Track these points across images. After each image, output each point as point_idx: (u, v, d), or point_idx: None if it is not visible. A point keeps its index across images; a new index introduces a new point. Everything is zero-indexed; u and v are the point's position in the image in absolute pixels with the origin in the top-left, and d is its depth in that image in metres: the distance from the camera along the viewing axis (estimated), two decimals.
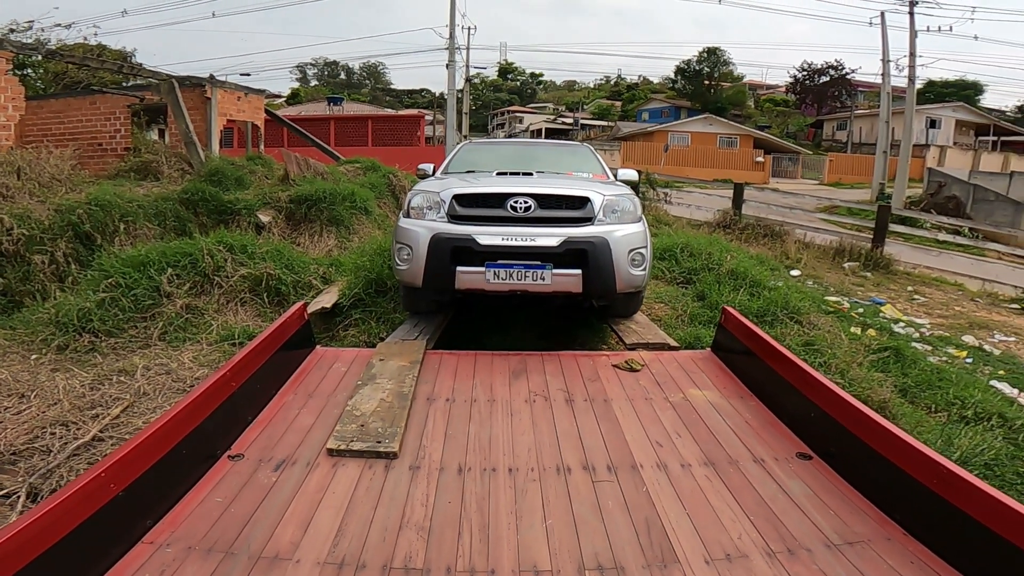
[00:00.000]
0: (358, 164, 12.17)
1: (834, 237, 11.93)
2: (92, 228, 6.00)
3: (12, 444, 2.81)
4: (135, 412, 3.15)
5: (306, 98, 41.43)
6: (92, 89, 10.69)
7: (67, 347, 4.13)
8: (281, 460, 2.22)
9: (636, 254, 3.61)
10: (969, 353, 6.22)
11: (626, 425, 2.64)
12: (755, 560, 1.83)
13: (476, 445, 2.41)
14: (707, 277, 6.06)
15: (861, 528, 2.00)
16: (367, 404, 2.58)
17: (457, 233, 3.45)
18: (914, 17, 19.91)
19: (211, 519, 1.85)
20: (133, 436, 1.81)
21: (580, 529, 1.94)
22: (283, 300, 5.03)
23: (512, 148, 5.92)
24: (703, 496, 2.16)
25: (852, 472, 2.28)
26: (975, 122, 36.38)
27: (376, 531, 1.85)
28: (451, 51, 18.33)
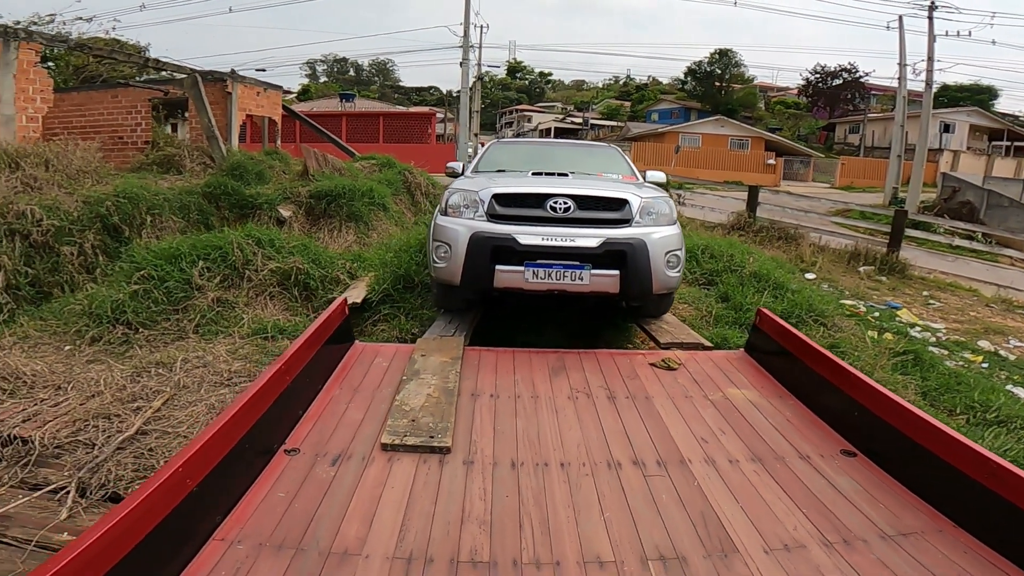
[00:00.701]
0: (373, 160, 12.22)
1: (849, 241, 11.89)
2: (120, 220, 6.05)
3: (55, 437, 2.83)
4: (176, 405, 3.18)
5: (316, 94, 41.55)
6: (118, 83, 10.76)
7: (101, 339, 4.17)
8: (337, 455, 2.24)
9: (672, 256, 3.64)
10: (985, 358, 6.22)
11: (670, 422, 2.67)
12: (813, 550, 1.86)
13: (526, 440, 2.44)
14: (730, 279, 6.06)
15: (912, 521, 2.04)
16: (415, 399, 2.61)
17: (497, 232, 3.47)
18: (933, 21, 19.77)
19: (276, 515, 1.87)
20: (202, 431, 1.83)
21: (638, 521, 1.97)
22: (311, 295, 5.06)
23: (541, 148, 5.94)
24: (754, 490, 2.19)
25: (899, 468, 2.31)
26: (989, 127, 36.11)
27: (439, 525, 1.88)
28: (465, 49, 18.34)
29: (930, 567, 1.80)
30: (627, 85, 61.29)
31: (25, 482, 2.51)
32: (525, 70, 67.29)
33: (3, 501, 2.36)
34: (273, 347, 4.09)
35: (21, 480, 2.51)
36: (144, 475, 2.54)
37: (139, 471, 2.56)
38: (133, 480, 2.50)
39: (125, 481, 2.49)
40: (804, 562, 1.81)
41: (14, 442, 2.75)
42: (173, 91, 10.08)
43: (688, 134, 32.41)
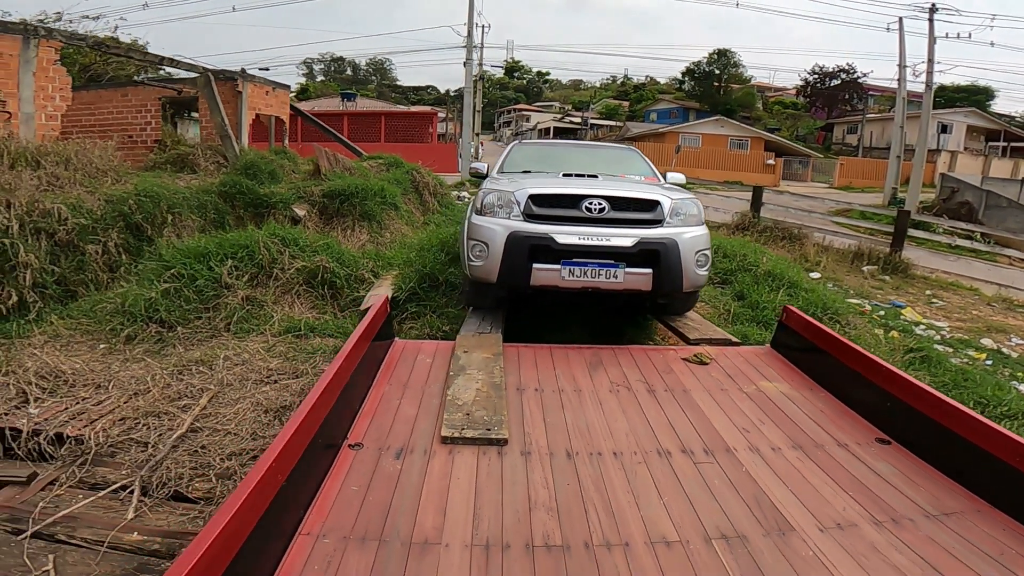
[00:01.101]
0: (380, 160, 12.27)
1: (852, 241, 12.02)
2: (142, 219, 6.10)
3: (108, 435, 2.89)
4: (221, 402, 3.25)
5: (315, 94, 41.54)
6: (128, 81, 10.78)
7: (136, 337, 4.23)
8: (399, 448, 2.33)
9: (701, 255, 3.75)
10: (989, 355, 6.36)
11: (710, 413, 2.78)
12: (865, 529, 1.98)
13: (576, 431, 2.54)
14: (744, 278, 6.17)
15: (952, 503, 2.16)
16: (465, 394, 2.70)
17: (535, 231, 3.57)
18: (933, 24, 19.94)
19: (354, 508, 1.95)
20: (283, 428, 1.89)
21: (695, 504, 2.08)
22: (337, 293, 5.14)
23: (562, 150, 6.03)
24: (799, 475, 2.32)
25: (933, 454, 2.43)
26: (986, 128, 36.38)
27: (509, 513, 1.97)
28: (469, 49, 18.42)
29: (975, 544, 1.92)
30: (625, 85, 61.49)
31: (84, 481, 2.57)
32: (523, 69, 67.50)
33: (66, 501, 2.42)
34: (306, 345, 4.17)
35: (80, 480, 2.57)
36: (202, 472, 2.61)
37: (197, 468, 2.63)
38: (192, 478, 2.57)
39: (185, 479, 2.55)
40: (858, 539, 1.93)
41: (67, 441, 2.81)
42: (187, 90, 10.11)
43: (688, 134, 32.57)
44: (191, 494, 2.48)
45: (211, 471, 2.58)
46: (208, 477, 2.55)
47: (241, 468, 2.60)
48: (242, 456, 2.71)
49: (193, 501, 2.45)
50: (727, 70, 45.50)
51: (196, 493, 2.48)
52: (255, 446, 2.80)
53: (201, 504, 2.42)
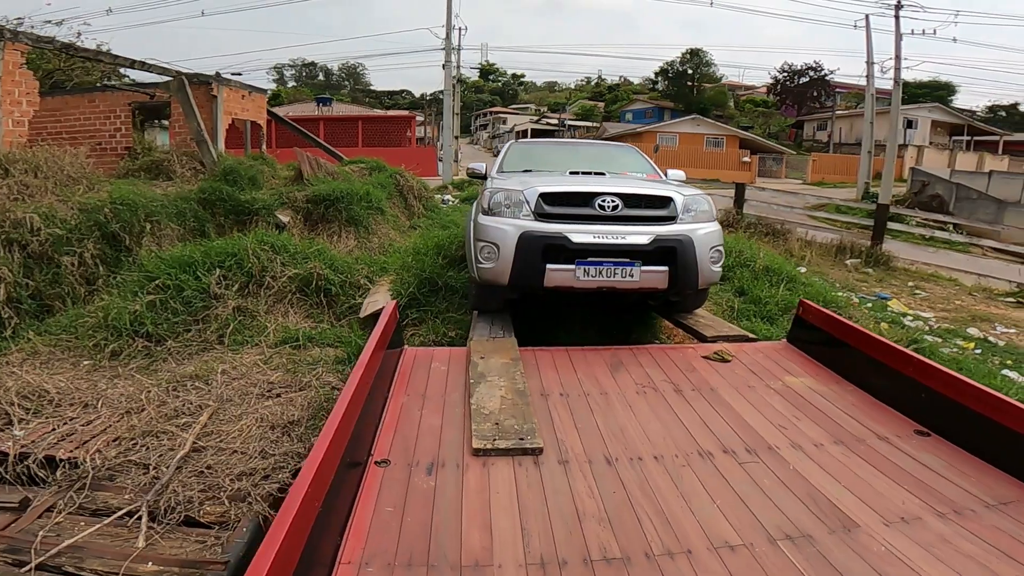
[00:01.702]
0: (362, 164, 12.05)
1: (834, 235, 12.19)
2: (119, 228, 5.81)
3: (105, 458, 2.68)
4: (222, 419, 3.05)
5: (288, 99, 40.84)
6: (96, 87, 10.36)
7: (121, 352, 3.98)
8: (429, 463, 2.18)
9: (715, 251, 3.68)
10: (977, 344, 6.45)
11: (742, 411, 2.70)
12: (929, 521, 1.91)
13: (610, 436, 2.42)
14: (743, 273, 6.15)
15: (1005, 491, 2.10)
16: (491, 402, 2.56)
17: (548, 231, 3.44)
18: (899, 20, 20.47)
19: (393, 531, 1.80)
20: (313, 450, 1.73)
21: (750, 505, 1.99)
22: (332, 300, 4.94)
23: (562, 148, 5.92)
24: (849, 470, 2.24)
25: (974, 444, 2.38)
26: (949, 122, 37.53)
27: (559, 526, 1.84)
28: (448, 51, 18.24)
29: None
30: (599, 85, 61.88)
31: (84, 508, 2.36)
32: (498, 72, 67.41)
33: (68, 530, 2.21)
34: (306, 356, 3.98)
35: (79, 506, 2.36)
36: (212, 495, 2.42)
37: (206, 491, 2.43)
38: (203, 502, 2.37)
39: (195, 503, 2.36)
40: (926, 531, 1.86)
41: (60, 464, 2.60)
42: (159, 94, 9.75)
43: (665, 133, 32.87)
44: (203, 519, 2.28)
45: (222, 493, 2.39)
46: (220, 500, 2.36)
47: (254, 489, 2.42)
48: (253, 476, 2.52)
49: (207, 526, 2.26)
50: (700, 69, 46.13)
51: (209, 517, 2.28)
52: (266, 465, 2.61)
53: (216, 529, 2.22)
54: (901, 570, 1.70)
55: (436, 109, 31.86)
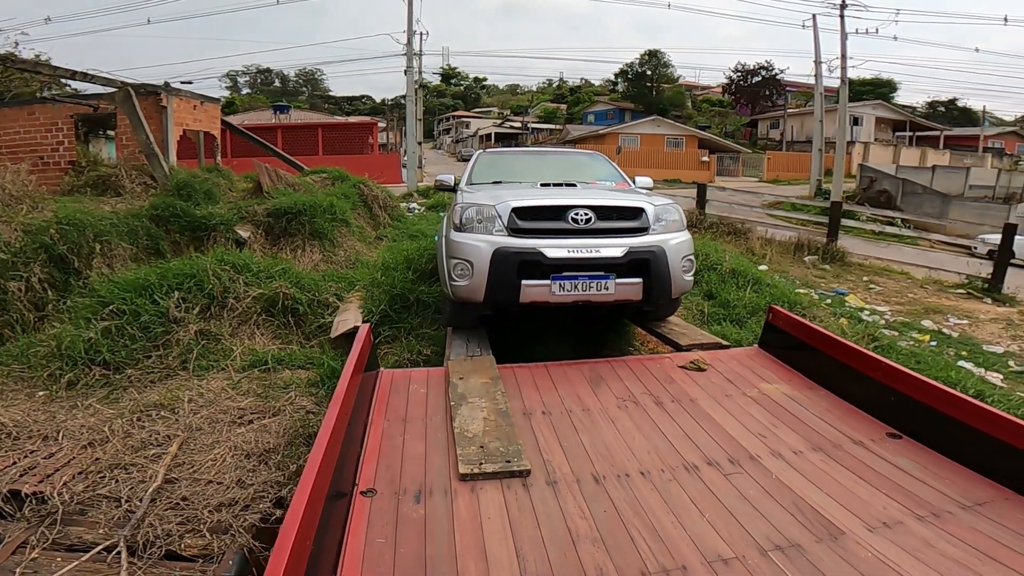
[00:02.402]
0: (324, 174, 11.78)
1: (792, 233, 12.58)
2: (67, 250, 5.52)
3: (72, 491, 2.54)
4: (194, 448, 2.93)
5: (242, 107, 39.76)
6: (42, 98, 9.84)
7: (78, 382, 3.79)
8: (416, 491, 2.12)
9: (687, 260, 3.72)
10: (932, 337, 6.75)
11: (723, 421, 2.74)
12: (911, 525, 1.97)
13: (596, 453, 2.42)
14: (711, 277, 6.26)
15: (980, 493, 2.18)
16: (474, 425, 2.51)
17: (522, 247, 3.40)
18: (845, 20, 21.32)
19: (387, 563, 1.74)
20: (299, 484, 1.66)
21: (739, 518, 2.01)
22: (300, 320, 4.80)
23: (530, 157, 5.89)
24: (829, 476, 2.29)
25: (946, 446, 2.46)
26: (893, 119, 39.30)
27: (553, 550, 1.82)
28: (410, 57, 18.04)
29: (1017, 529, 1.94)
30: (561, 88, 62.46)
31: (57, 543, 2.23)
32: (460, 76, 67.26)
33: (45, 567, 2.08)
34: (276, 379, 3.85)
35: (52, 541, 2.23)
36: (191, 528, 2.32)
37: (184, 523, 2.33)
38: (183, 535, 2.27)
39: (175, 536, 2.25)
40: (909, 536, 1.91)
41: (27, 499, 2.44)
42: (104, 106, 9.32)
43: (627, 134, 33.41)
44: (185, 552, 2.18)
45: (202, 525, 2.29)
46: (200, 532, 2.26)
47: (236, 520, 2.32)
48: (233, 506, 2.42)
49: (190, 560, 2.16)
50: (658, 70, 47.09)
51: (191, 551, 2.18)
52: (245, 495, 2.51)
53: (200, 562, 2.13)
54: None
55: (398, 114, 31.53)
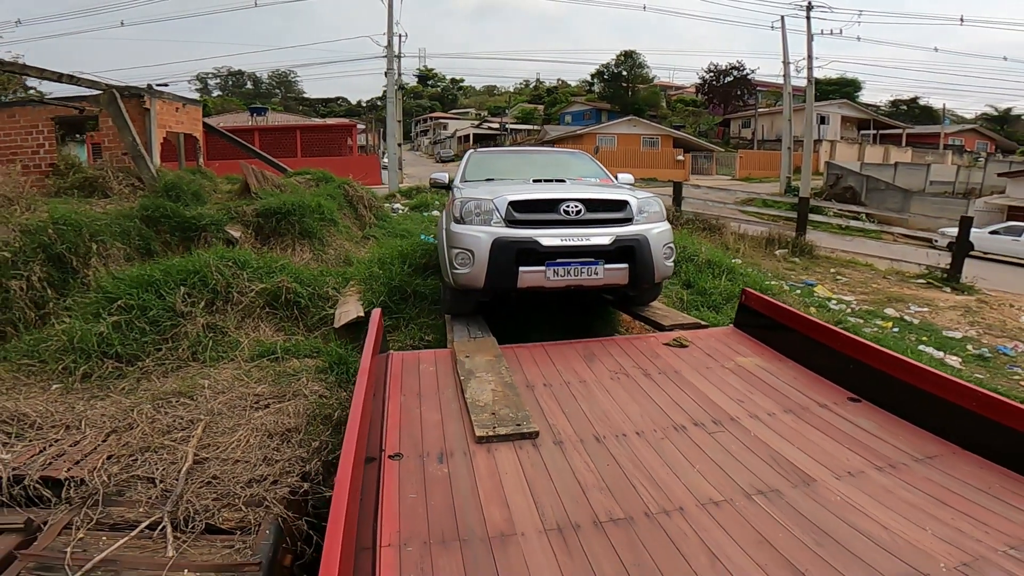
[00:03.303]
0: (308, 175, 11.88)
1: (763, 228, 13.09)
2: (65, 250, 5.61)
3: (109, 474, 2.72)
4: (217, 431, 3.12)
5: (215, 109, 39.20)
6: (28, 100, 9.77)
7: (92, 374, 3.94)
8: (439, 453, 2.38)
9: (667, 248, 4.05)
10: (895, 324, 7.23)
11: (703, 387, 3.06)
12: (872, 474, 2.28)
13: (595, 418, 2.71)
14: (688, 267, 6.63)
15: (930, 447, 2.50)
16: (484, 395, 2.78)
17: (519, 236, 3.69)
18: (811, 21, 22.11)
19: (421, 515, 1.98)
20: (342, 451, 1.89)
21: (725, 468, 2.31)
22: (303, 313, 5.00)
23: (519, 157, 6.19)
24: (800, 434, 2.62)
25: (900, 407, 2.78)
26: (857, 117, 40.64)
27: (567, 497, 2.09)
28: (390, 58, 18.16)
29: (964, 480, 2.25)
30: (538, 88, 62.92)
31: (102, 523, 2.41)
32: (437, 77, 67.22)
33: (93, 545, 2.27)
34: (286, 368, 4.05)
35: (96, 522, 2.41)
36: (227, 502, 2.52)
37: (220, 499, 2.52)
38: (220, 509, 2.47)
39: (213, 511, 2.45)
40: (871, 483, 2.22)
41: (65, 484, 2.62)
42: (89, 108, 9.31)
43: (604, 135, 33.97)
44: (223, 525, 2.38)
45: (237, 500, 2.49)
46: (236, 506, 2.46)
47: (268, 493, 2.54)
48: (263, 482, 2.63)
49: (228, 532, 2.35)
50: (633, 71, 47.86)
51: (229, 524, 2.38)
52: (272, 471, 2.72)
53: (238, 534, 2.33)
54: (858, 516, 2.03)
55: (375, 116, 31.49)
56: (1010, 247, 16.29)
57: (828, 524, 1.99)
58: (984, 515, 2.06)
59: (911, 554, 1.85)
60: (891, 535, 1.94)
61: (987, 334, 7.32)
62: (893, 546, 1.88)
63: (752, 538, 1.91)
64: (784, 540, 1.90)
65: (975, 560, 1.83)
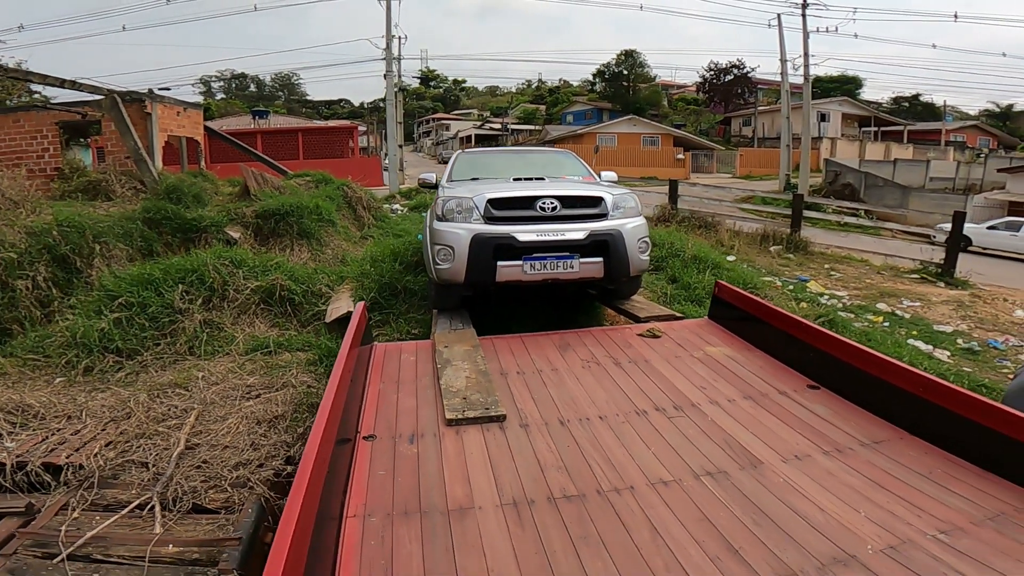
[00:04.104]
0: (308, 177, 12.09)
1: (758, 225, 13.19)
2: (69, 251, 5.82)
3: (105, 459, 2.90)
4: (209, 419, 3.30)
5: (219, 112, 39.56)
6: (32, 105, 10.01)
7: (94, 368, 4.13)
8: (410, 434, 2.55)
9: (642, 242, 4.20)
10: (885, 318, 7.32)
11: (671, 377, 3.20)
12: (818, 458, 2.42)
13: (562, 403, 2.87)
14: (674, 263, 6.78)
15: (880, 432, 2.63)
16: (457, 382, 2.95)
17: (497, 232, 3.86)
18: (807, 19, 22.18)
19: (387, 490, 2.15)
20: (312, 428, 2.05)
21: (678, 451, 2.46)
22: (296, 309, 5.18)
23: (505, 156, 6.35)
24: (755, 419, 2.76)
25: (855, 394, 2.92)
26: (858, 114, 40.58)
27: (526, 476, 2.25)
28: (388, 61, 18.38)
29: (907, 465, 2.37)
30: (540, 88, 63.05)
31: (96, 504, 2.58)
32: (439, 78, 67.48)
33: (86, 524, 2.44)
34: (278, 360, 4.23)
35: (91, 503, 2.59)
36: (214, 484, 2.70)
37: (207, 481, 2.70)
38: (206, 490, 2.65)
39: (200, 492, 2.63)
40: (814, 466, 2.36)
41: (64, 469, 2.80)
42: (91, 113, 9.55)
43: (604, 134, 34.07)
44: (209, 505, 2.56)
45: (223, 482, 2.67)
46: (222, 487, 2.64)
47: (253, 475, 2.71)
48: (249, 465, 2.80)
49: (213, 511, 2.53)
50: (634, 70, 47.93)
51: (214, 503, 2.56)
52: (258, 455, 2.90)
53: (223, 513, 2.50)
54: (797, 498, 2.16)
55: (378, 118, 31.71)
56: (1008, 242, 16.34)
57: (768, 505, 2.12)
58: (920, 499, 2.16)
59: (841, 535, 1.95)
60: (826, 516, 2.05)
61: (978, 328, 7.38)
62: (826, 527, 1.99)
63: (694, 516, 2.05)
64: (724, 518, 2.03)
65: (902, 543, 1.91)
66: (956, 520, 2.03)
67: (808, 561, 1.83)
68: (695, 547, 1.89)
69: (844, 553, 1.87)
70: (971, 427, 2.38)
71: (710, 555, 1.85)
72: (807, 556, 1.85)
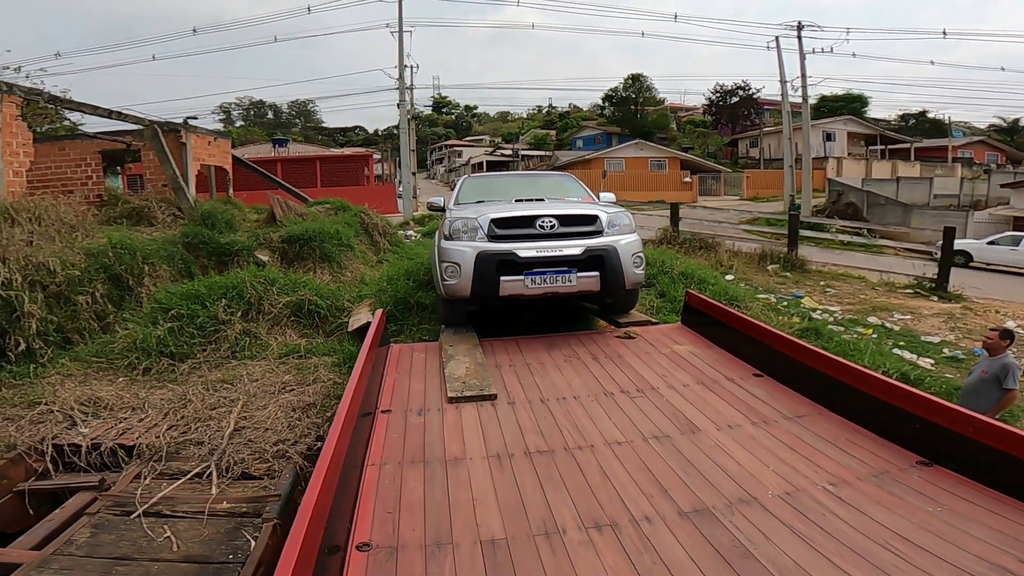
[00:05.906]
0: (328, 204, 12.84)
1: (757, 245, 13.68)
2: (122, 270, 6.57)
3: (170, 439, 3.56)
4: (252, 408, 3.96)
5: (238, 140, 41.11)
6: (77, 134, 10.93)
7: (152, 369, 4.82)
8: (419, 409, 3.20)
9: (636, 257, 4.67)
10: (874, 330, 7.77)
11: (638, 367, 3.82)
12: (746, 428, 3.01)
13: (544, 387, 3.50)
14: (663, 279, 7.37)
15: (802, 409, 3.20)
16: (459, 371, 3.60)
17: (500, 249, 4.35)
18: (802, 41, 22.91)
19: (399, 447, 2.78)
20: (339, 404, 2.66)
21: (634, 421, 3.07)
22: (322, 321, 5.87)
23: (508, 180, 6.91)
24: (702, 398, 3.37)
25: (790, 380, 3.49)
26: (864, 133, 40.82)
27: (510, 438, 2.87)
28: (401, 91, 19.48)
29: (820, 435, 2.91)
30: (550, 114, 64.51)
31: (163, 474, 3.24)
32: (451, 104, 69.43)
33: (156, 489, 3.09)
34: (308, 363, 4.90)
35: (160, 472, 3.25)
36: (259, 456, 3.35)
37: (253, 454, 3.36)
38: (253, 461, 3.30)
39: (248, 462, 3.28)
40: (742, 433, 2.94)
41: (135, 448, 3.46)
42: (134, 142, 10.43)
43: (612, 159, 34.90)
44: (255, 472, 3.20)
45: (266, 454, 3.32)
46: (265, 459, 3.29)
47: (289, 449, 3.36)
48: (287, 442, 3.45)
49: (258, 478, 3.17)
50: (641, 94, 48.92)
51: (259, 471, 3.21)
52: (294, 435, 3.55)
53: (265, 479, 3.15)
54: (721, 455, 2.71)
55: (392, 144, 32.94)
56: (1009, 256, 16.59)
57: (697, 460, 2.69)
58: (820, 459, 2.68)
59: (750, 483, 2.48)
60: (741, 469, 2.60)
61: (966, 338, 7.76)
62: (739, 476, 2.54)
63: (638, 466, 2.64)
64: (661, 468, 2.61)
65: (796, 491, 2.42)
66: (845, 475, 2.54)
67: (720, 500, 2.39)
68: (634, 487, 2.47)
69: (749, 495, 2.40)
70: (874, 402, 2.93)
71: (645, 493, 2.44)
72: (720, 496, 2.41)
